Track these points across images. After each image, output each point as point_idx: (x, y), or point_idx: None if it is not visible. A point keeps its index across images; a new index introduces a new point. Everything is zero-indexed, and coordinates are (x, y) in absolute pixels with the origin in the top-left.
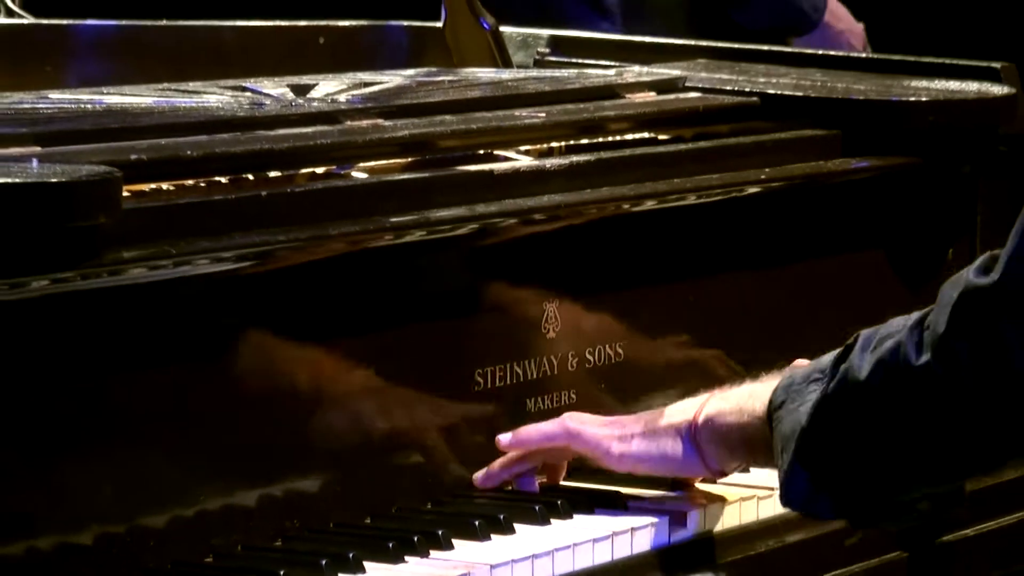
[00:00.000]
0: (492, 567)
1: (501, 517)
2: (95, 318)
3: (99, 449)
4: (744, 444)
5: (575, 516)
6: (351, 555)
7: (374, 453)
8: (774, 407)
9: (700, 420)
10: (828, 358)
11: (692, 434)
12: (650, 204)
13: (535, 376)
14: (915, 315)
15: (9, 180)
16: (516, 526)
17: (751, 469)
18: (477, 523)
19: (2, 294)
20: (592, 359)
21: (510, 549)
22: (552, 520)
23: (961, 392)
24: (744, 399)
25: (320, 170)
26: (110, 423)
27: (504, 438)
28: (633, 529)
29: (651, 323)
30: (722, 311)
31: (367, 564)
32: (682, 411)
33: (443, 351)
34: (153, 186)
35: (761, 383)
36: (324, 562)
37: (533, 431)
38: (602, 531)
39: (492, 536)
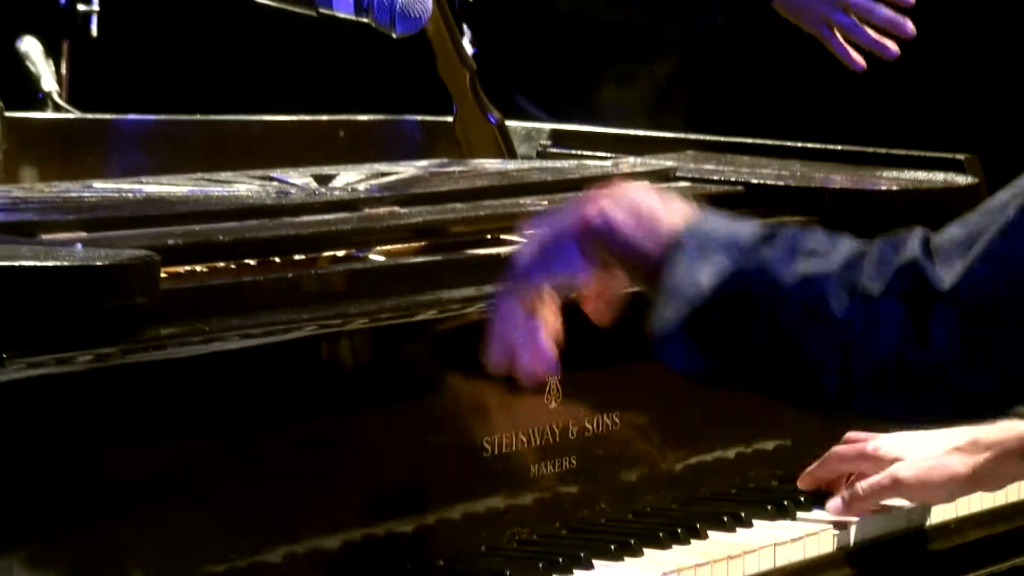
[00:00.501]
0: None
1: (507, 574)
2: (135, 390)
3: (139, 510)
4: (625, 256)
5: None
6: None
7: (391, 515)
8: (672, 246)
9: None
10: (747, 233)
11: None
12: None
13: (539, 443)
14: (844, 248)
15: (57, 263)
16: None
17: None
18: None
19: (49, 368)
20: (591, 428)
21: None
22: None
23: (872, 352)
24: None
25: (341, 253)
26: (149, 486)
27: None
28: None
29: (645, 395)
30: None
31: None
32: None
33: (454, 420)
34: (188, 268)
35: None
36: None
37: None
38: None
39: None
